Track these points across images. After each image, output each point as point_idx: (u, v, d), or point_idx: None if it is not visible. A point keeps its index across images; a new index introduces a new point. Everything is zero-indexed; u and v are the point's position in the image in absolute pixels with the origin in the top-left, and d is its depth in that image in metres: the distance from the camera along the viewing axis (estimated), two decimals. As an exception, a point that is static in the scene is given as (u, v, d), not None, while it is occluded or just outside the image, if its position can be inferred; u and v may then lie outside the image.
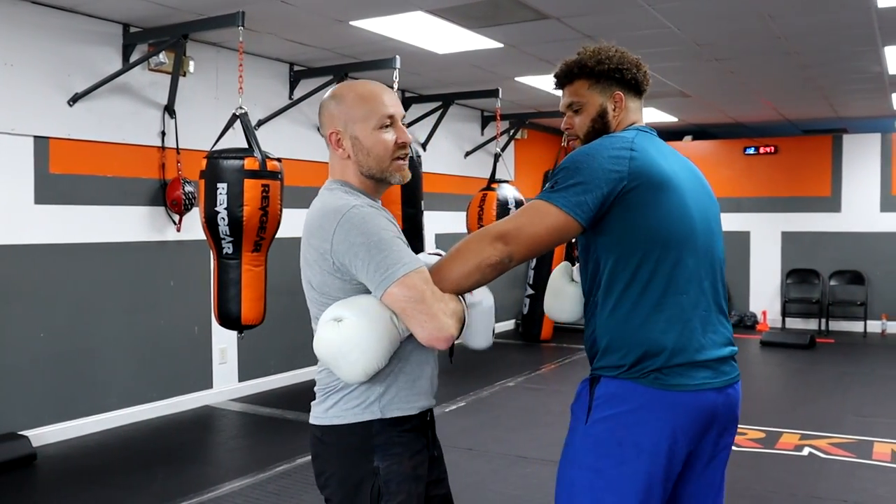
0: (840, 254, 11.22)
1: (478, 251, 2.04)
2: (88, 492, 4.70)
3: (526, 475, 4.92)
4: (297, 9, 5.54)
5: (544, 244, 2.09)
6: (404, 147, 2.12)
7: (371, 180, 2.13)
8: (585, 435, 2.16)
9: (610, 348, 2.14)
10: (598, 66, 2.29)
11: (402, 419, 2.04)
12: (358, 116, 2.09)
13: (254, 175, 4.88)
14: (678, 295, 2.13)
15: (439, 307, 1.93)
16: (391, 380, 2.04)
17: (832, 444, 5.59)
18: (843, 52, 6.90)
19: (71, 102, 5.57)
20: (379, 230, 1.95)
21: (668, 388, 2.10)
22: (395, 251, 1.94)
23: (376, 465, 2.02)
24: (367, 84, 2.16)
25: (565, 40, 6.45)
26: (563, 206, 2.06)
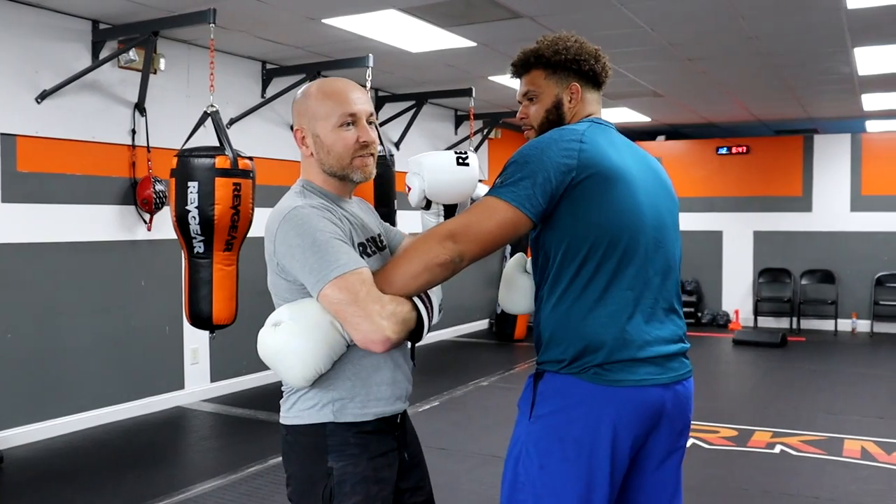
0: (811, 253, 11.32)
1: (426, 250, 2.00)
2: (57, 494, 4.64)
3: (499, 474, 4.88)
4: (269, 6, 5.50)
5: (495, 241, 2.05)
6: (366, 146, 2.08)
7: (334, 178, 2.12)
8: (528, 431, 2.14)
9: (552, 342, 2.12)
10: (555, 57, 2.27)
11: (358, 423, 2.03)
12: (320, 114, 2.08)
13: (225, 174, 4.83)
14: (623, 290, 2.10)
15: (373, 308, 1.89)
16: (341, 384, 2.02)
17: (803, 441, 5.63)
18: (814, 52, 6.96)
19: (39, 100, 5.49)
20: (315, 231, 1.93)
21: (608, 383, 2.06)
22: (331, 252, 1.91)
23: (330, 466, 2.01)
24: (335, 82, 2.14)
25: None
26: (512, 200, 2.03)
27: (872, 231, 11.03)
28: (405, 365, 2.15)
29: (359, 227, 2.11)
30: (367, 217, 2.22)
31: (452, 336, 10.48)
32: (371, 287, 1.91)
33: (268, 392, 7.10)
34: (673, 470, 2.22)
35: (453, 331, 10.54)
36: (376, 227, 2.24)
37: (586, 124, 2.21)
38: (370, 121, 2.11)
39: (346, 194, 2.17)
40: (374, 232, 2.20)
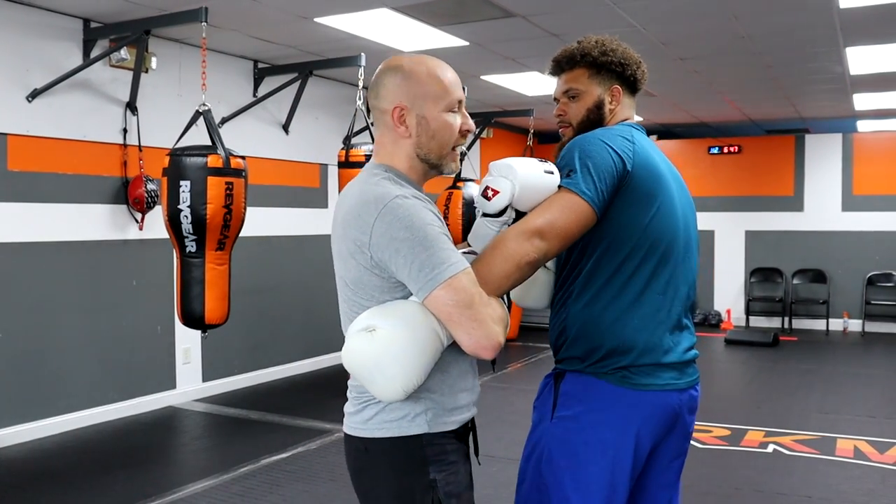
0: (803, 253, 11.35)
1: (516, 249, 1.93)
2: (48, 495, 4.61)
3: (492, 474, 4.90)
4: (261, 5, 5.48)
5: (574, 237, 2.03)
6: (466, 136, 1.99)
7: (424, 165, 1.97)
8: (551, 433, 2.13)
9: (579, 340, 2.11)
10: (602, 58, 2.28)
11: (451, 431, 1.93)
12: (430, 94, 1.92)
13: (217, 173, 4.82)
14: (656, 295, 2.12)
15: (487, 313, 1.77)
16: (431, 394, 1.88)
17: (796, 440, 5.64)
18: (806, 52, 6.97)
19: (30, 98, 5.47)
20: (424, 225, 1.77)
21: (634, 387, 2.08)
22: (442, 249, 1.76)
23: (433, 478, 1.88)
24: (437, 62, 1.98)
25: (531, 38, 6.45)
26: (587, 195, 2.01)
27: (864, 231, 11.06)
28: (476, 368, 2.06)
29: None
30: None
31: (445, 336, 10.44)
32: (481, 290, 1.80)
33: (259, 391, 7.09)
34: (676, 470, 2.25)
35: (446, 330, 10.50)
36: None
37: (629, 127, 2.23)
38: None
39: (423, 185, 2.01)
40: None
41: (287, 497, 4.50)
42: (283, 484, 4.71)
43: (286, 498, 4.49)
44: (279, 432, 5.80)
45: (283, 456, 5.22)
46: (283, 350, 7.73)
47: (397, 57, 2.01)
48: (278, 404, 6.61)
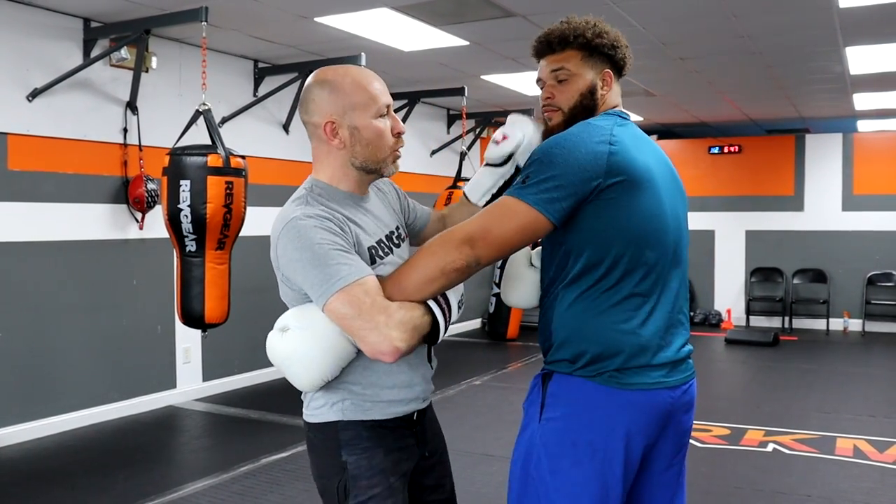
0: (803, 252, 11.35)
1: (442, 255, 1.93)
2: (48, 494, 4.62)
3: (492, 473, 4.91)
4: (261, 4, 5.49)
5: (514, 245, 1.99)
6: (400, 137, 2.05)
7: (361, 172, 2.04)
8: (539, 434, 2.08)
9: (567, 343, 2.06)
10: (596, 39, 2.17)
11: (369, 420, 2.02)
12: (358, 104, 1.98)
13: (217, 172, 4.82)
14: (644, 296, 2.06)
15: (380, 319, 1.84)
16: (351, 387, 2.00)
17: (796, 440, 5.64)
18: (806, 51, 6.97)
19: (30, 98, 5.47)
20: (312, 245, 1.87)
21: (623, 386, 2.02)
22: (331, 265, 1.85)
23: (344, 460, 2.00)
24: (360, 70, 2.05)
25: (531, 38, 6.38)
26: (535, 203, 1.94)
27: (864, 230, 11.06)
28: (423, 366, 2.13)
29: (370, 228, 2.04)
30: (384, 209, 2.16)
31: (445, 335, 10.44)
32: (376, 296, 1.86)
33: (259, 391, 7.09)
34: (678, 470, 2.21)
35: (446, 330, 10.51)
36: (394, 217, 2.19)
37: (612, 120, 2.13)
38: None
39: (364, 190, 2.10)
40: (392, 225, 2.14)
41: (287, 496, 4.50)
42: (284, 483, 4.71)
43: (286, 497, 4.49)
44: (279, 431, 5.80)
45: (283, 455, 5.22)
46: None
47: (323, 70, 2.06)
48: (278, 404, 6.61)
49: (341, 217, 1.96)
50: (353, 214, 2.01)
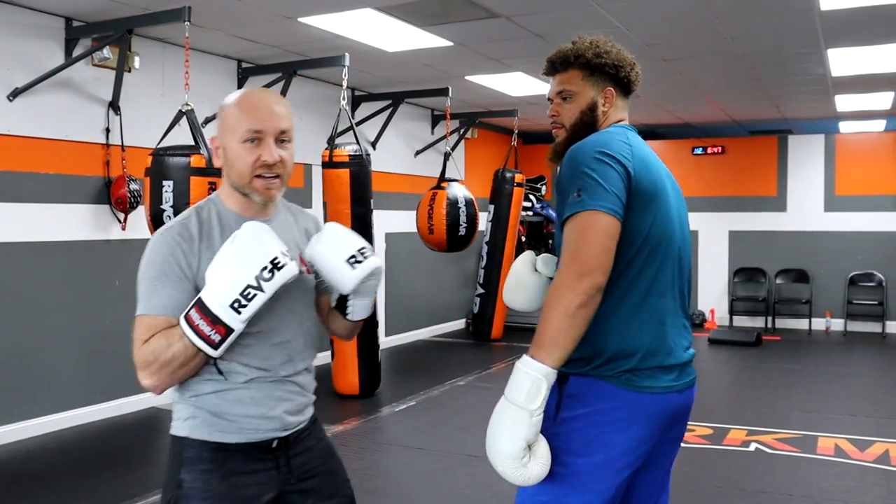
0: (786, 253, 11.41)
1: (559, 302, 1.97)
2: (31, 496, 4.59)
3: (476, 474, 4.91)
4: (244, 4, 5.47)
5: (612, 252, 2.02)
6: (267, 166, 2.02)
7: (238, 193, 2.07)
8: (553, 434, 2.12)
9: (583, 343, 2.07)
10: (596, 59, 2.28)
11: (216, 442, 2.03)
12: (229, 127, 2.04)
13: (200, 173, 4.81)
14: (658, 298, 2.14)
15: (135, 356, 1.98)
16: (201, 410, 2.04)
17: (778, 439, 5.67)
18: (789, 53, 7.01)
19: (11, 97, 5.43)
20: (147, 266, 2.01)
21: (638, 389, 2.10)
22: (142, 288, 2.00)
23: (182, 477, 2.02)
24: (254, 94, 2.10)
25: (515, 39, 6.46)
26: (608, 209, 2.01)
27: (846, 231, 11.13)
28: (299, 397, 2.15)
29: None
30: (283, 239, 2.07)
31: (429, 336, 10.47)
32: (144, 331, 1.97)
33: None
34: (669, 465, 2.29)
35: (430, 330, 10.53)
36: (295, 250, 2.15)
37: (621, 130, 2.24)
38: (282, 139, 2.04)
39: (254, 210, 2.10)
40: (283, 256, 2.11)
41: (271, 497, 4.48)
42: (267, 484, 4.69)
43: (270, 498, 4.47)
44: (263, 433, 5.78)
45: (266, 456, 5.20)
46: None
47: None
48: (262, 405, 6.59)
49: (206, 238, 2.02)
50: (227, 235, 2.00)
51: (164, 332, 1.94)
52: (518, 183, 9.89)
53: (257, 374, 2.04)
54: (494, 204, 9.91)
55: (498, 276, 9.88)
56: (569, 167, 2.11)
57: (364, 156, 6.54)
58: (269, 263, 1.90)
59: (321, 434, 2.27)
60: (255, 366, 2.03)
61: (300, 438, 2.16)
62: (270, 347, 2.05)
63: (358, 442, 5.65)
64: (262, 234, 1.94)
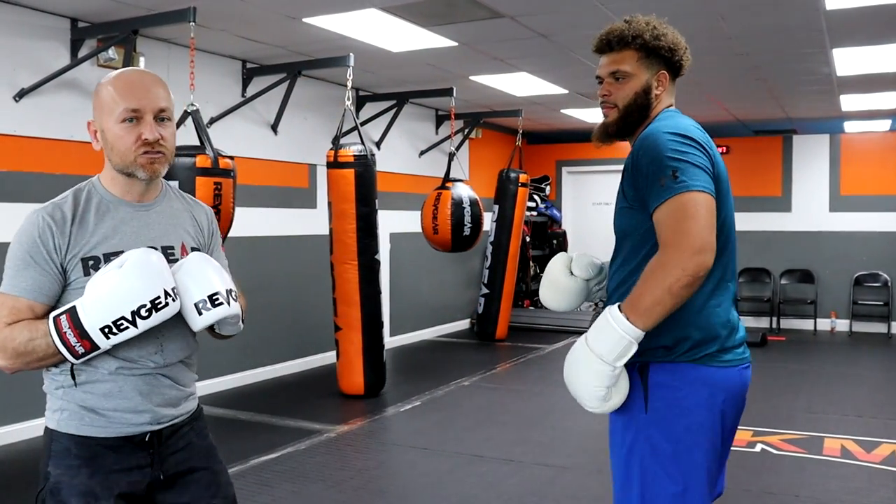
0: (791, 253, 11.40)
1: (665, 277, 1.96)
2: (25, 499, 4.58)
3: (482, 474, 4.91)
4: (249, 5, 5.47)
5: (714, 231, 2.01)
6: (148, 144, 2.00)
7: (122, 176, 2.06)
8: (649, 424, 2.13)
9: (664, 331, 2.07)
10: (654, 42, 2.26)
11: (83, 436, 2.01)
12: (105, 108, 2.02)
13: (206, 173, 4.82)
14: (728, 281, 2.19)
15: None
16: (69, 401, 2.02)
17: (784, 440, 5.66)
18: (793, 53, 6.99)
19: (17, 98, 5.44)
20: (14, 243, 1.99)
21: (722, 364, 2.13)
22: (8, 266, 1.98)
23: (48, 471, 2.00)
24: (128, 74, 2.08)
25: (519, 39, 6.46)
26: (711, 191, 2.02)
27: (851, 231, 11.11)
28: (172, 390, 2.11)
29: (122, 238, 2.04)
30: (169, 226, 2.14)
31: (433, 336, 10.47)
32: (7, 313, 1.94)
33: (248, 392, 7.07)
34: (730, 445, 2.31)
35: (434, 331, 10.53)
36: (177, 237, 2.15)
37: (686, 117, 2.25)
38: (161, 117, 2.04)
39: (135, 194, 2.10)
40: (170, 242, 2.12)
41: (276, 497, 4.49)
42: (273, 484, 4.70)
43: (276, 498, 4.48)
44: (268, 433, 5.79)
45: (272, 456, 5.21)
46: (272, 350, 7.72)
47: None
48: (267, 405, 6.60)
49: (78, 220, 2.01)
50: (103, 218, 2.04)
51: (30, 323, 1.93)
52: (522, 183, 9.89)
53: (122, 364, 2.00)
54: (499, 204, 9.91)
55: (502, 277, 9.89)
56: (651, 151, 2.09)
57: (369, 156, 6.54)
58: (149, 303, 1.88)
59: (204, 432, 2.24)
60: (121, 356, 2.00)
61: (178, 434, 2.13)
62: (139, 338, 1.96)
63: (363, 442, 5.65)
64: (153, 267, 1.91)
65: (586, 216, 13.02)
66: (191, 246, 2.17)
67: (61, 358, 1.92)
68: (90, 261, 1.99)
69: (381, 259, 6.84)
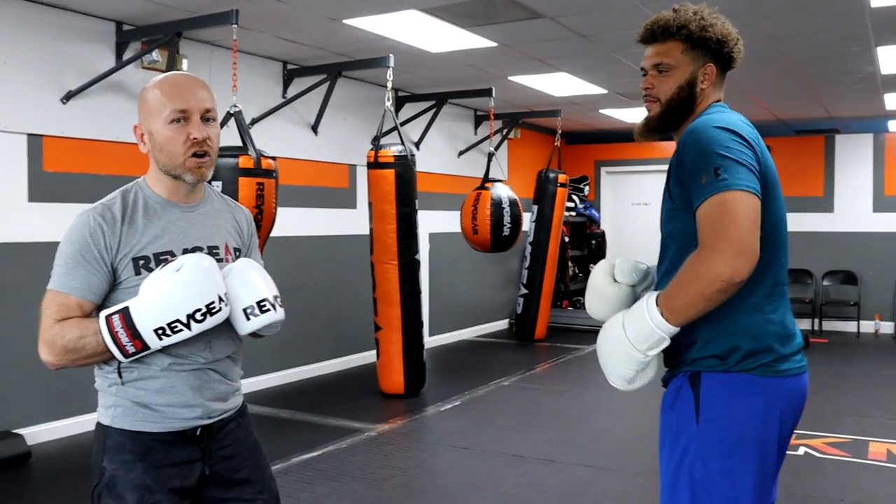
0: (833, 254, 11.25)
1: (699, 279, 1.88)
2: (84, 490, 4.65)
3: (521, 474, 4.91)
4: (290, 7, 5.52)
5: (757, 234, 1.90)
6: (197, 143, 2.05)
7: (169, 178, 2.11)
8: (701, 435, 2.05)
9: (715, 339, 2.03)
10: (701, 33, 2.15)
11: (137, 431, 2.05)
12: (153, 110, 2.06)
13: (248, 173, 4.86)
14: (782, 285, 2.10)
15: (42, 328, 1.98)
16: (123, 399, 2.06)
17: (828, 443, 5.59)
18: (837, 51, 6.91)
19: (64, 100, 5.54)
20: (66, 243, 2.03)
21: (778, 374, 2.04)
22: (58, 264, 2.03)
23: (104, 466, 2.05)
24: (173, 76, 2.13)
25: (559, 39, 6.45)
26: (755, 191, 1.91)
27: (895, 232, 10.95)
28: (221, 385, 2.15)
29: (170, 238, 2.08)
30: (213, 226, 2.19)
31: (472, 336, 10.48)
32: (56, 310, 1.98)
33: (289, 390, 7.13)
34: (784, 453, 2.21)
35: (473, 331, 10.54)
36: (221, 238, 2.21)
37: (735, 112, 2.15)
38: (207, 117, 2.08)
39: (181, 195, 2.15)
40: (209, 243, 2.16)
41: (318, 495, 4.53)
42: (315, 482, 4.74)
43: (317, 496, 4.52)
44: (309, 431, 5.83)
45: (313, 454, 5.25)
46: (313, 349, 7.77)
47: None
48: (308, 403, 6.65)
49: (128, 220, 2.06)
50: (151, 219, 2.09)
51: (80, 321, 1.97)
52: (561, 183, 9.87)
53: (174, 361, 2.05)
54: (538, 204, 9.90)
55: (541, 277, 9.87)
56: (695, 146, 2.00)
57: (409, 156, 6.56)
58: (204, 307, 1.93)
59: (250, 428, 2.30)
60: (172, 353, 2.04)
61: (226, 429, 2.18)
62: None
63: (403, 441, 5.68)
64: (209, 273, 1.96)
65: (625, 216, 12.96)
66: (233, 246, 2.23)
67: (109, 356, 1.96)
68: (140, 260, 2.04)
69: (420, 259, 6.87)
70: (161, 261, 2.03)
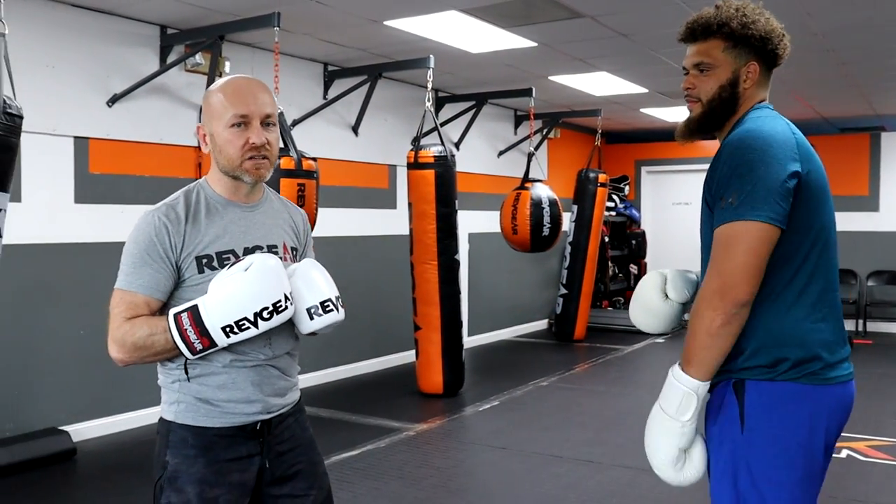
0: (878, 254, 11.08)
1: (700, 321, 1.93)
2: (127, 486, 4.75)
3: (560, 475, 4.91)
4: (331, 9, 5.57)
5: (763, 267, 1.92)
6: (255, 148, 2.10)
7: (228, 178, 2.16)
8: (746, 445, 2.02)
9: (763, 349, 2.00)
10: (742, 30, 2.09)
11: (200, 427, 2.10)
12: (215, 114, 2.11)
13: (290, 174, 4.91)
14: (832, 292, 2.05)
15: (111, 327, 2.06)
16: (186, 395, 2.11)
17: (871, 446, 5.52)
18: (883, 48, 6.81)
19: (110, 103, 5.64)
20: (132, 242, 2.08)
21: (826, 382, 2.00)
22: (125, 263, 2.08)
23: (167, 460, 2.11)
24: (236, 80, 2.17)
25: (599, 39, 6.43)
26: (765, 218, 1.89)
27: (943, 231, 10.77)
28: (280, 380, 2.21)
29: (231, 236, 2.14)
30: (272, 225, 2.25)
31: (511, 336, 10.48)
32: (125, 308, 2.05)
33: (328, 390, 7.18)
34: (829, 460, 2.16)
35: (512, 331, 10.54)
36: (279, 237, 2.26)
37: (781, 118, 2.10)
38: (267, 122, 2.13)
39: (241, 195, 2.20)
40: (273, 241, 2.22)
41: (357, 494, 4.57)
42: (353, 481, 4.77)
43: (356, 495, 4.55)
44: (348, 430, 5.88)
45: (352, 453, 5.29)
46: (352, 349, 7.82)
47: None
48: (347, 402, 6.70)
49: (192, 219, 2.11)
50: (213, 218, 2.14)
51: (148, 319, 2.04)
52: (602, 183, 9.83)
53: (236, 357, 2.09)
54: (578, 204, 9.87)
55: (581, 277, 9.84)
56: (729, 162, 1.97)
57: (449, 157, 6.58)
58: (271, 305, 1.99)
59: (306, 424, 2.35)
60: (234, 350, 2.08)
61: (284, 423, 2.23)
62: None
63: (442, 441, 5.70)
64: (275, 273, 2.01)
65: (666, 216, 12.86)
66: (291, 246, 2.29)
67: (176, 353, 2.02)
68: (204, 259, 2.10)
69: (460, 259, 6.89)
70: (223, 259, 2.10)
